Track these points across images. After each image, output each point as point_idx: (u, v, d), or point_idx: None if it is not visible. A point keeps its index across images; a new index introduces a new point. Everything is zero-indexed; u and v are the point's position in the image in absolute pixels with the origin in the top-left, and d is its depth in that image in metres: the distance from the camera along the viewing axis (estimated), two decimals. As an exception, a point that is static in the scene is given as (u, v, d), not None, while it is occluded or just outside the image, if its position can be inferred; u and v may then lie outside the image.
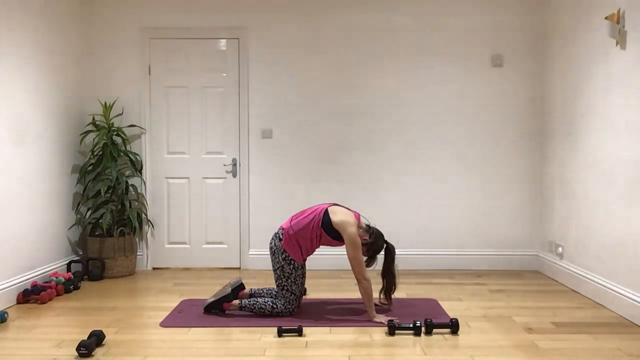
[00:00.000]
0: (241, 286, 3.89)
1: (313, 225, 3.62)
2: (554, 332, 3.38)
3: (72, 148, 4.98)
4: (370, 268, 3.74)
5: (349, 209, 3.75)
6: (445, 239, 5.22)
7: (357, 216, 3.73)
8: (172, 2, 5.17)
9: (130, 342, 3.23)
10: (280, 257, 3.66)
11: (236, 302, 3.75)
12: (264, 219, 5.24)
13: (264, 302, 3.69)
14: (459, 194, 5.20)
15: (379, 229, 3.77)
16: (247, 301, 3.73)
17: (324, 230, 3.62)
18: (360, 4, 5.15)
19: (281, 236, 3.67)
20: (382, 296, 3.85)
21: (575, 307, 3.93)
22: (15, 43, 4.08)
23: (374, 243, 3.67)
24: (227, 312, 3.77)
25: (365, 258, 3.70)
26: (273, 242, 3.72)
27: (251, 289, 3.93)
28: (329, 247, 3.87)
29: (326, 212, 3.64)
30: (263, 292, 3.89)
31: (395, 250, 3.84)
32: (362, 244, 3.64)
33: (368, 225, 3.72)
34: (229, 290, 3.77)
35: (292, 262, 3.65)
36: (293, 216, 3.77)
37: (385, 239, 3.78)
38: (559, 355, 2.99)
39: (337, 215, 3.63)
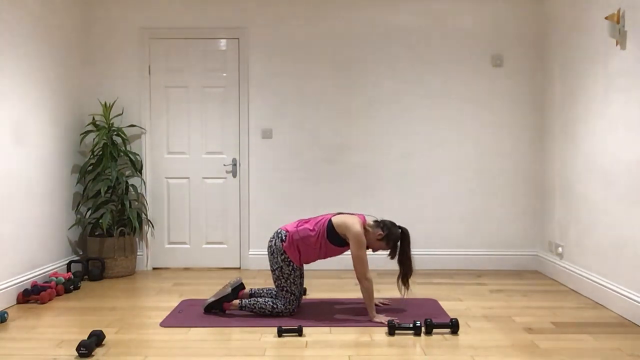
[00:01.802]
0: (241, 286, 3.89)
1: (318, 236, 3.63)
2: (554, 332, 3.38)
3: (72, 148, 4.98)
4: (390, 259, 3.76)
5: (352, 214, 3.76)
6: (445, 239, 5.22)
7: (362, 217, 3.72)
8: (172, 2, 5.17)
9: (130, 342, 3.23)
10: (279, 258, 3.66)
11: (236, 302, 3.75)
12: (264, 219, 5.24)
13: (264, 302, 3.69)
14: (459, 194, 5.20)
15: (388, 219, 3.77)
16: (247, 301, 3.73)
17: (329, 240, 3.63)
18: (361, 4, 5.15)
19: (284, 237, 3.67)
20: (399, 283, 3.74)
21: (575, 307, 3.93)
22: (14, 43, 4.08)
23: (389, 233, 3.66)
24: (227, 312, 3.77)
25: (388, 251, 3.73)
26: (273, 242, 3.71)
27: (251, 289, 3.93)
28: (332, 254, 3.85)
29: (330, 222, 3.66)
30: (263, 292, 3.89)
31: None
32: (379, 239, 3.64)
33: (376, 221, 3.72)
34: (229, 290, 3.77)
35: (291, 263, 3.66)
36: (300, 221, 3.76)
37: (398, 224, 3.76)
38: (559, 355, 2.99)
39: (340, 219, 3.64)
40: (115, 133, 5.01)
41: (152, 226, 5.23)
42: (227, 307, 3.75)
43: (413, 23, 5.16)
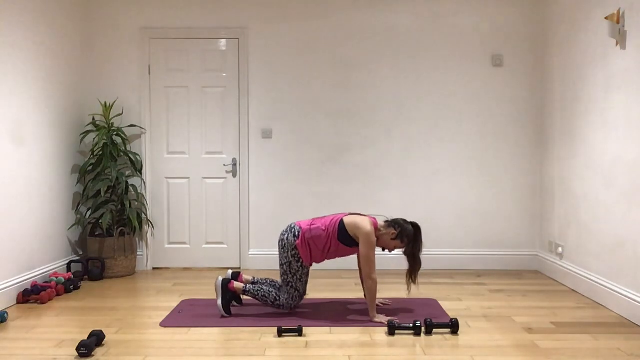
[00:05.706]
0: (234, 275, 3.92)
1: (329, 236, 3.64)
2: (554, 332, 3.38)
3: (72, 148, 4.98)
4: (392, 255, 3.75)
5: (364, 215, 3.76)
6: (445, 239, 5.22)
7: (374, 220, 3.72)
8: (172, 2, 5.17)
9: (130, 342, 3.23)
10: (289, 254, 3.67)
11: (240, 285, 3.75)
12: (264, 219, 5.24)
13: (269, 291, 3.72)
14: (459, 194, 5.20)
15: (399, 218, 3.77)
16: (251, 287, 3.75)
17: (340, 240, 3.64)
18: (360, 4, 5.15)
19: (297, 234, 3.67)
20: (408, 278, 3.74)
21: (575, 307, 3.93)
22: (15, 43, 4.08)
23: (402, 230, 3.65)
24: (236, 293, 3.75)
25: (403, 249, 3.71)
26: (286, 237, 3.70)
27: (253, 277, 3.97)
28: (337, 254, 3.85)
29: (341, 222, 3.66)
30: (267, 282, 3.91)
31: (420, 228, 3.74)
32: (393, 238, 3.64)
33: (387, 221, 3.73)
34: (219, 280, 3.72)
35: (300, 260, 3.67)
36: (314, 220, 3.76)
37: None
38: (559, 355, 2.99)
39: (352, 219, 3.66)
40: (115, 133, 5.01)
41: (152, 226, 5.23)
42: (232, 286, 3.73)
43: (413, 23, 5.16)
